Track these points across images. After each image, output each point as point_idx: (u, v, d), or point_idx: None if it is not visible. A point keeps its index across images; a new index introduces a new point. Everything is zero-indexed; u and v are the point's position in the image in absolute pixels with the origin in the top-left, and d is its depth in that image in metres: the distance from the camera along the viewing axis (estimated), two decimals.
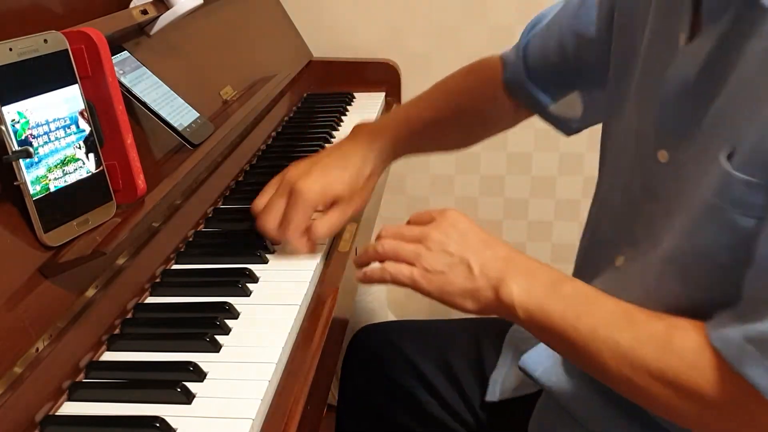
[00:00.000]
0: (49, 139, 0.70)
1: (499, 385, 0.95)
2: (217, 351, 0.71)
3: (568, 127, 1.00)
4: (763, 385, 0.59)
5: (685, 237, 0.67)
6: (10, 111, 0.66)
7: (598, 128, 0.90)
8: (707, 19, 0.67)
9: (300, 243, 0.87)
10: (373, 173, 0.95)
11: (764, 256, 0.60)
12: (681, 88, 0.68)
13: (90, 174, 0.74)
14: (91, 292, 0.72)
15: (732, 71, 0.63)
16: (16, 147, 0.66)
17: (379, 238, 0.80)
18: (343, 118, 1.43)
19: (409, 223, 0.81)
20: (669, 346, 0.64)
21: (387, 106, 1.55)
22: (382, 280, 0.77)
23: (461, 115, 1.06)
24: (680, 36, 0.69)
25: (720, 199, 0.63)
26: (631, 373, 0.65)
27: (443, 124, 1.05)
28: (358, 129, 1.01)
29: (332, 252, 0.93)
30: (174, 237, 0.90)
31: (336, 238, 0.96)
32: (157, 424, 0.60)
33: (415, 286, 0.75)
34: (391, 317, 1.81)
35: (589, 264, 0.86)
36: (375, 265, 0.79)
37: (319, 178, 0.88)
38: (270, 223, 0.87)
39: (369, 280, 0.78)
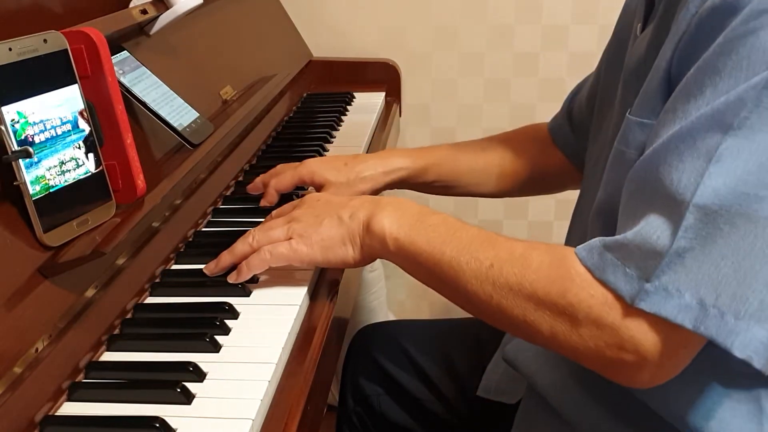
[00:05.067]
0: (49, 139, 0.70)
1: (488, 380, 0.95)
2: (217, 351, 0.71)
3: None
4: (625, 289, 0.60)
5: (602, 187, 0.73)
6: (10, 111, 0.66)
7: None
8: (655, 7, 0.73)
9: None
10: (369, 180, 1.01)
11: (629, 178, 0.64)
12: (634, 69, 0.74)
13: (90, 174, 0.74)
14: (91, 292, 0.72)
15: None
16: (15, 147, 0.66)
17: (245, 236, 0.82)
18: (343, 118, 1.43)
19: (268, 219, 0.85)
20: (527, 263, 0.66)
21: (387, 106, 1.55)
22: (261, 264, 0.78)
23: (496, 158, 1.07)
24: (637, 27, 0.76)
25: (622, 143, 0.70)
26: (492, 290, 0.67)
27: (474, 165, 1.07)
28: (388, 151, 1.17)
29: None
30: (174, 237, 0.89)
31: None
32: (157, 424, 0.60)
33: (296, 256, 0.78)
34: (391, 317, 1.81)
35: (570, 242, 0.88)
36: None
37: (320, 161, 1.04)
38: (267, 174, 1.04)
39: (249, 270, 0.79)
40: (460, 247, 0.70)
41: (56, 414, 0.64)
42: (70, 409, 0.64)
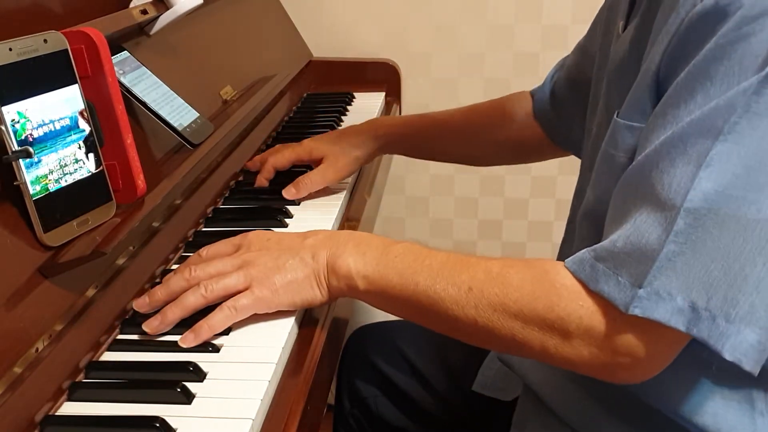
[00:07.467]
0: (49, 139, 0.70)
1: (484, 376, 0.95)
2: (217, 351, 0.71)
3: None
4: (619, 297, 0.60)
5: (591, 189, 0.74)
6: (10, 111, 0.66)
7: None
8: (636, 5, 0.73)
9: (287, 191, 1.03)
10: (361, 146, 1.09)
11: (620, 183, 0.65)
12: (617, 68, 0.74)
13: (90, 174, 0.74)
14: (91, 292, 0.72)
15: (647, 45, 0.68)
16: (15, 147, 0.66)
17: (180, 282, 0.74)
18: (343, 118, 1.43)
19: (202, 258, 0.78)
20: (507, 281, 0.65)
21: (387, 106, 1.55)
22: (225, 322, 0.71)
23: (477, 123, 1.13)
24: (619, 25, 0.77)
25: (611, 146, 0.70)
26: (475, 314, 0.66)
27: (454, 127, 1.14)
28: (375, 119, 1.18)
29: None
30: (174, 237, 0.90)
31: None
32: (157, 424, 0.60)
33: (260, 305, 0.73)
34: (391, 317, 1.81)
35: (564, 245, 0.88)
36: (215, 316, 0.71)
37: (316, 138, 1.11)
38: (266, 152, 1.12)
39: (210, 331, 0.71)
40: (433, 274, 0.68)
41: (56, 414, 0.64)
42: (70, 409, 0.65)
